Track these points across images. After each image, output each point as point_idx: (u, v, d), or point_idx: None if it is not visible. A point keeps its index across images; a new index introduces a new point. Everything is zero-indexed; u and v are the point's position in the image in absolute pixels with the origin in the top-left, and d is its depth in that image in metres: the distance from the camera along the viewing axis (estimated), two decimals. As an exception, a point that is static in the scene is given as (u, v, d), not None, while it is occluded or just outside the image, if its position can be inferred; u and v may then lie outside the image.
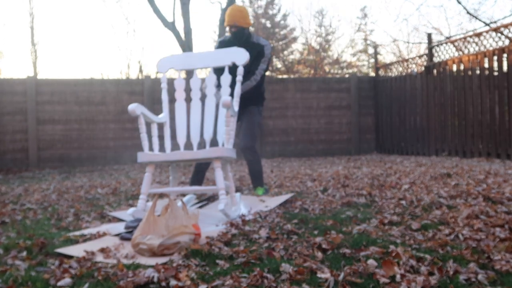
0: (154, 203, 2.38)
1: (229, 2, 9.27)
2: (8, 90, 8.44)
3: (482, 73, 6.90)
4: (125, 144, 8.77)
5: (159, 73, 3.56)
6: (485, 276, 1.74)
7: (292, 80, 10.00)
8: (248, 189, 4.27)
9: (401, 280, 1.70)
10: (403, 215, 2.86)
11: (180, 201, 2.85)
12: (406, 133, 8.73)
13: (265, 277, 1.75)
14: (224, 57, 3.43)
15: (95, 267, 1.97)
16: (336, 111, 9.59)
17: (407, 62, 9.04)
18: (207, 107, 3.42)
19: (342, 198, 3.51)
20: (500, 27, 6.75)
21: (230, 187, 3.17)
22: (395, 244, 2.16)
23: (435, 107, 7.96)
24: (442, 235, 2.33)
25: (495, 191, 3.33)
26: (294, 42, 21.31)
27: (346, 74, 20.90)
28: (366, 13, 22.18)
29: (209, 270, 1.89)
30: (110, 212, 3.34)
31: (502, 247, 2.09)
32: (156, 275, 1.77)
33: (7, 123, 8.34)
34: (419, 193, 3.47)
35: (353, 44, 22.32)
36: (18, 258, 2.16)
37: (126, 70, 21.97)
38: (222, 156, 2.92)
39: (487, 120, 6.83)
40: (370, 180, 4.29)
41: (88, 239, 2.54)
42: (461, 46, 7.59)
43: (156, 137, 3.24)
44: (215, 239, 2.33)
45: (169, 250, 2.17)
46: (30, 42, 21.03)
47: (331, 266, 1.87)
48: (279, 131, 9.38)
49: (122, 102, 8.72)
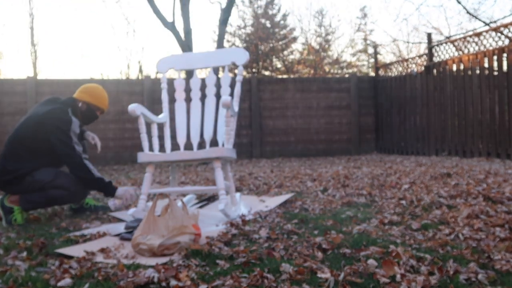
0: (154, 203, 2.38)
1: (229, 2, 9.26)
2: (8, 90, 8.44)
3: (482, 72, 6.90)
4: (125, 144, 8.78)
5: (159, 73, 3.56)
6: (485, 276, 1.74)
7: (292, 80, 9.99)
8: (248, 189, 4.27)
9: (401, 280, 1.70)
10: (403, 215, 2.86)
11: (180, 201, 2.85)
12: (406, 133, 8.73)
13: (265, 277, 1.75)
14: (224, 57, 3.43)
15: (95, 267, 1.98)
16: (336, 111, 9.59)
17: (407, 62, 9.04)
18: (207, 107, 3.42)
19: (342, 198, 3.51)
20: (500, 27, 6.75)
21: (230, 187, 3.17)
22: (395, 244, 2.16)
23: (435, 107, 7.95)
24: (442, 235, 2.33)
25: (495, 190, 3.33)
26: (294, 42, 21.29)
27: (346, 74, 20.88)
28: (366, 13, 22.13)
29: (209, 270, 1.89)
30: (110, 212, 3.35)
31: (502, 246, 2.09)
32: (156, 275, 1.77)
33: (7, 123, 8.34)
34: (419, 193, 3.47)
35: (353, 44, 22.30)
36: (18, 258, 2.16)
37: (126, 70, 21.93)
38: (222, 156, 2.92)
39: (487, 120, 6.82)
40: (370, 180, 4.29)
41: (88, 239, 2.54)
42: (461, 46, 7.59)
43: (156, 137, 3.24)
44: (215, 239, 2.33)
45: (169, 250, 2.17)
46: (30, 42, 21.01)
47: (331, 266, 1.87)
48: (279, 131, 9.38)
49: (122, 102, 8.72)
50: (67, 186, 3.11)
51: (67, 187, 3.11)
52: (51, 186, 3.08)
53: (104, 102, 3.43)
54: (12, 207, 3.02)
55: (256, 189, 4.25)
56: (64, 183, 3.12)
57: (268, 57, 20.61)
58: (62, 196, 3.11)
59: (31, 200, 3.08)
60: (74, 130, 3.14)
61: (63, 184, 3.11)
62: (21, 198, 3.06)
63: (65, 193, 3.11)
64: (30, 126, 3.15)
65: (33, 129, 3.13)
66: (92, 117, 3.42)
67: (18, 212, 3.02)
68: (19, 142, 3.14)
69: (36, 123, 3.13)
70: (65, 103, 3.29)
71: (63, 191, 3.10)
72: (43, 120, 3.12)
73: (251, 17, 20.97)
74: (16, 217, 3.00)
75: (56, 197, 3.11)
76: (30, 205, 3.10)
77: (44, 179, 3.08)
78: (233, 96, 3.35)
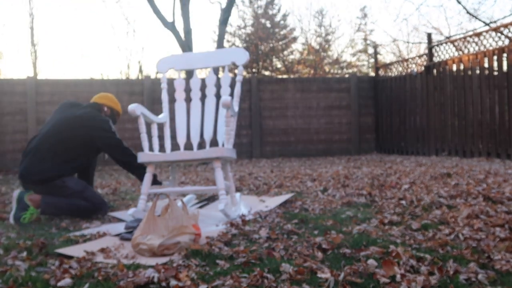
0: (154, 203, 2.38)
1: (229, 2, 9.26)
2: (8, 90, 8.44)
3: (482, 72, 6.90)
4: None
5: (159, 73, 3.56)
6: (485, 276, 1.74)
7: (292, 80, 9.99)
8: (248, 189, 4.27)
9: (401, 280, 1.70)
10: (403, 215, 2.86)
11: (180, 201, 2.85)
12: (406, 133, 8.73)
13: (265, 277, 1.75)
14: (224, 57, 3.43)
15: (95, 267, 1.97)
16: (336, 111, 9.59)
17: (407, 62, 9.04)
18: (207, 107, 3.42)
19: (342, 198, 3.51)
20: (500, 27, 6.75)
21: (230, 187, 3.17)
22: (395, 244, 2.16)
23: (435, 107, 7.96)
24: (442, 235, 2.33)
25: (495, 190, 3.33)
26: (294, 42, 21.30)
27: (346, 74, 20.89)
28: (366, 13, 22.15)
29: (209, 270, 1.89)
30: (110, 212, 3.35)
31: (502, 246, 2.09)
32: (156, 275, 1.77)
33: (7, 123, 8.34)
34: (419, 193, 3.47)
35: (353, 44, 22.31)
36: (18, 258, 2.16)
37: (126, 70, 21.93)
38: (222, 156, 2.92)
39: (487, 120, 6.83)
40: (370, 180, 4.29)
41: (88, 239, 2.54)
42: (461, 46, 7.59)
43: (156, 137, 3.24)
44: (215, 239, 2.33)
45: (169, 250, 2.17)
46: (30, 42, 21.01)
47: (331, 266, 1.87)
48: (279, 131, 9.38)
49: (122, 103, 8.60)
50: (95, 201, 3.23)
51: (94, 202, 3.22)
52: (80, 196, 3.18)
53: (120, 108, 3.74)
54: (29, 205, 3.03)
55: (256, 189, 4.25)
56: (92, 197, 3.24)
57: (268, 57, 20.62)
58: (86, 208, 3.19)
59: (54, 204, 3.12)
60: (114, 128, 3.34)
61: (91, 197, 3.23)
62: (43, 200, 3.08)
63: (90, 206, 3.20)
64: (69, 128, 3.22)
65: (71, 133, 3.21)
66: (114, 120, 3.62)
67: (31, 212, 3.03)
68: (52, 144, 3.19)
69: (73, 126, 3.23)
70: (93, 107, 3.46)
71: (89, 204, 3.20)
72: (83, 122, 3.25)
73: (251, 17, 20.98)
74: (26, 216, 3.00)
75: (81, 207, 3.18)
76: (51, 209, 3.14)
77: (75, 188, 3.19)
78: (233, 96, 3.36)
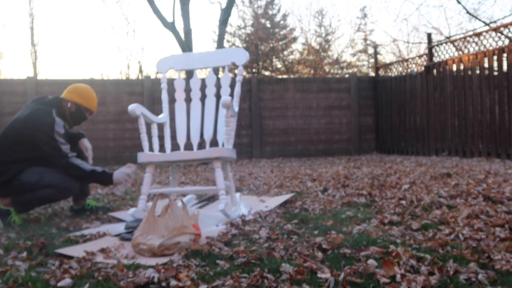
0: (154, 203, 2.38)
1: (229, 2, 9.25)
2: (8, 90, 8.44)
3: (482, 73, 6.90)
4: (125, 144, 8.78)
5: (159, 73, 3.56)
6: (485, 276, 1.74)
7: (292, 80, 9.99)
8: (248, 189, 4.27)
9: (401, 280, 1.70)
10: (403, 215, 2.86)
11: (180, 202, 2.85)
12: (406, 133, 8.73)
13: (265, 277, 1.75)
14: (224, 57, 3.43)
15: (95, 267, 1.97)
16: (336, 111, 9.59)
17: (407, 62, 9.04)
18: (207, 107, 3.42)
19: (342, 198, 3.51)
20: (500, 27, 6.75)
21: (230, 187, 3.17)
22: (395, 244, 2.16)
23: (435, 107, 7.96)
24: (442, 235, 2.33)
25: (495, 190, 3.33)
26: (294, 42, 21.31)
27: (346, 74, 20.89)
28: (366, 13, 22.19)
29: (209, 270, 1.89)
30: (110, 212, 3.35)
31: (502, 246, 2.09)
32: (156, 276, 1.77)
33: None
34: (419, 193, 3.47)
35: (353, 44, 22.30)
36: (18, 258, 2.16)
37: (126, 70, 21.95)
38: (222, 156, 2.92)
39: (487, 120, 6.83)
40: (370, 180, 4.29)
41: (88, 239, 2.54)
42: (461, 46, 7.59)
43: (156, 138, 3.24)
44: (215, 239, 2.33)
45: (169, 250, 2.17)
46: (30, 42, 21.01)
47: (331, 266, 1.87)
48: (279, 131, 9.39)
49: (122, 103, 8.72)
50: (56, 184, 3.04)
51: (56, 185, 3.04)
52: (39, 187, 3.02)
53: (94, 104, 3.39)
54: (9, 209, 3.00)
55: (256, 189, 4.25)
56: (52, 181, 3.04)
57: (268, 57, 20.62)
58: (51, 194, 3.05)
59: (23, 202, 3.05)
60: (58, 131, 3.08)
61: (50, 182, 3.04)
62: (13, 201, 3.04)
63: (55, 191, 3.04)
64: (14, 129, 3.12)
65: (17, 132, 3.09)
66: (81, 118, 3.36)
67: (15, 213, 3.01)
68: (4, 145, 3.11)
69: (19, 127, 3.09)
70: (49, 104, 3.22)
71: (52, 189, 3.04)
72: (26, 123, 3.08)
73: (251, 17, 20.98)
74: (14, 218, 2.99)
75: (46, 196, 3.06)
76: (23, 207, 3.07)
77: (31, 180, 3.02)
78: (233, 96, 3.36)
